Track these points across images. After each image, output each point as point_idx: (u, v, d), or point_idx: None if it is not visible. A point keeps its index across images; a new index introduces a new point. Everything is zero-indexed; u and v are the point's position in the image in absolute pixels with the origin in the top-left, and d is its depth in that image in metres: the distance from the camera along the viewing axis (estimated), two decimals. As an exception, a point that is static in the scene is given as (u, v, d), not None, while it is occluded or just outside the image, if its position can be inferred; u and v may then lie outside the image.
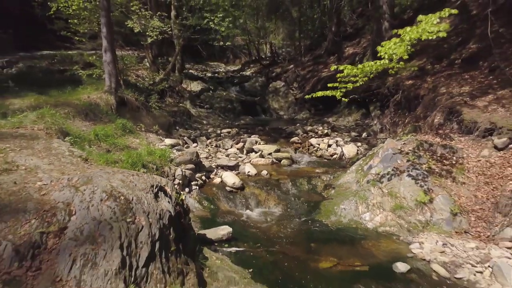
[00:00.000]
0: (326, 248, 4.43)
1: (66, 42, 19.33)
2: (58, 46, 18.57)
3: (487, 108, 6.28)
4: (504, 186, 4.90)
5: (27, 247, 2.52)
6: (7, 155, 3.91)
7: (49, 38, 20.48)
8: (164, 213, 3.17)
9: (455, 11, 5.20)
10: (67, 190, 3.11)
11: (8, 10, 17.29)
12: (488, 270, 3.88)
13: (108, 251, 2.65)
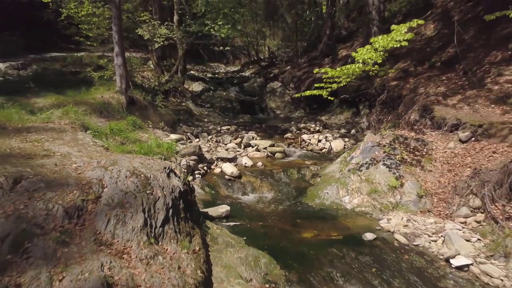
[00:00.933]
0: (309, 223, 5.21)
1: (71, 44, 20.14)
2: (63, 47, 19.37)
3: (455, 106, 7.06)
4: (462, 172, 5.68)
5: (73, 209, 3.30)
6: (43, 144, 4.69)
7: (54, 40, 21.30)
8: (175, 188, 3.95)
9: (421, 21, 5.99)
10: (98, 169, 3.89)
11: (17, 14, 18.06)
12: (441, 239, 4.65)
13: (133, 214, 3.43)
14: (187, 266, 3.27)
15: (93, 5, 11.21)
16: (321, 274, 3.86)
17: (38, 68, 11.95)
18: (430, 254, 4.38)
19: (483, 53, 8.91)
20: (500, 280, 3.89)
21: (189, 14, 11.15)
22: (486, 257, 4.28)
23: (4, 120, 5.24)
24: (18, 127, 5.16)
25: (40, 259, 2.74)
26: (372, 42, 6.11)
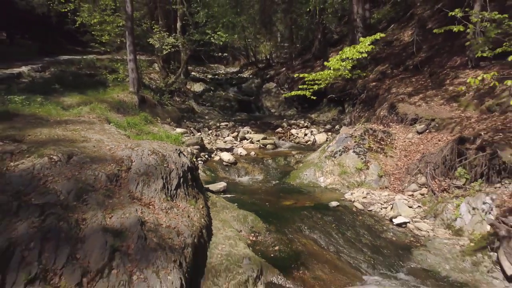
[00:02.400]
0: (289, 196, 6.47)
1: (77, 47, 21.38)
2: (70, 49, 20.61)
3: (416, 104, 8.32)
4: (414, 157, 6.94)
5: (112, 176, 4.54)
6: (80, 132, 5.94)
7: (62, 43, 22.57)
8: (184, 163, 5.21)
9: (383, 34, 7.23)
10: (126, 150, 5.14)
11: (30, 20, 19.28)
12: (390, 206, 5.91)
13: (155, 180, 4.68)
14: (194, 216, 4.53)
15: (105, 13, 12.44)
16: (293, 227, 5.11)
17: (56, 70, 13.15)
18: (379, 216, 5.64)
19: (447, 58, 10.17)
20: (426, 232, 5.16)
21: (192, 23, 12.39)
22: (421, 218, 5.55)
23: (46, 114, 6.48)
24: (57, 120, 6.40)
25: (94, 205, 3.99)
26: (341, 53, 7.35)
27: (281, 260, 4.35)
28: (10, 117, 6.03)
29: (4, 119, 5.92)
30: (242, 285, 3.82)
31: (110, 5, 12.60)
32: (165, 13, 14.00)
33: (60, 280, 3.19)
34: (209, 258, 4.15)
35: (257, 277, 3.97)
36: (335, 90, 14.15)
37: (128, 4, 9.23)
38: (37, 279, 3.14)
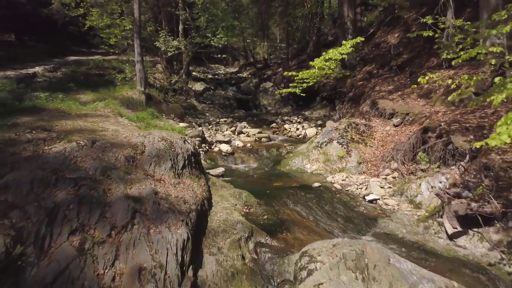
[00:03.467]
0: (279, 179, 7.38)
1: (82, 48, 22.23)
2: (75, 51, 21.51)
3: (394, 100, 9.23)
4: (389, 146, 7.85)
5: (129, 157, 5.45)
6: (98, 124, 6.84)
7: (68, 45, 23.47)
8: (188, 149, 6.11)
9: (362, 39, 8.13)
10: (140, 137, 6.05)
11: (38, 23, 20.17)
12: (364, 186, 6.82)
13: (165, 161, 5.58)
14: (197, 190, 5.44)
15: (112, 17, 13.32)
16: (280, 202, 6.03)
17: (67, 71, 14.04)
18: (354, 195, 6.56)
19: (425, 59, 11.08)
20: (392, 206, 6.07)
21: (193, 27, 13.29)
22: (389, 196, 6.46)
23: (67, 109, 7.38)
24: (78, 114, 7.31)
25: (117, 179, 4.89)
26: (324, 54, 8.25)
27: (268, 226, 5.26)
28: (38, 111, 6.94)
29: (33, 113, 6.82)
30: (236, 243, 4.72)
31: (117, 9, 13.49)
32: (168, 18, 14.90)
33: (94, 232, 4.10)
34: (209, 223, 5.06)
35: (248, 237, 4.88)
36: (327, 89, 15.09)
37: (136, 9, 10.11)
38: (77, 230, 4.04)
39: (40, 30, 20.66)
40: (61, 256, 3.75)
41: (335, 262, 4.02)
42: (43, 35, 21.10)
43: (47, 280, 3.55)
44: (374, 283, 3.84)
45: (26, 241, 3.75)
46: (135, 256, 3.93)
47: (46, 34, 21.12)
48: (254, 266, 4.47)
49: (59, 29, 21.04)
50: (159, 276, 3.79)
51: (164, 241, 4.12)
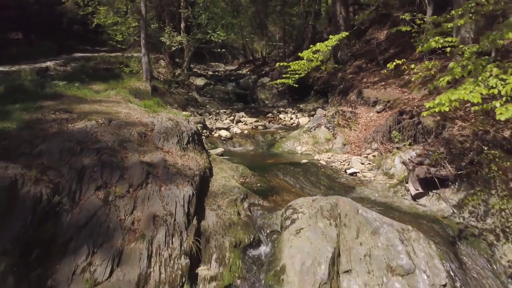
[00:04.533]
0: (272, 157, 8.21)
1: (87, 46, 23.06)
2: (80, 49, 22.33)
3: (377, 90, 10.06)
4: (371, 129, 8.68)
5: (141, 133, 6.27)
6: (112, 108, 7.66)
7: (73, 44, 24.28)
8: (192, 128, 6.94)
9: (347, 33, 8.95)
10: (150, 118, 6.87)
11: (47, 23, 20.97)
12: (347, 163, 7.65)
13: (172, 137, 6.41)
14: (200, 161, 6.27)
15: (117, 15, 14.12)
16: (271, 173, 6.85)
17: (76, 65, 14.82)
18: (337, 169, 7.39)
19: (409, 53, 11.89)
20: (369, 178, 6.91)
21: (195, 24, 14.10)
22: (368, 170, 7.29)
23: (83, 96, 8.20)
24: (93, 99, 8.13)
25: (132, 149, 5.72)
26: (312, 47, 9.06)
27: (261, 191, 6.09)
28: (58, 97, 7.76)
29: (55, 98, 7.64)
30: (232, 202, 5.55)
31: (122, 8, 14.29)
32: (171, 16, 15.70)
33: (115, 189, 4.92)
34: (210, 187, 5.89)
35: (243, 199, 5.71)
36: (320, 83, 15.93)
37: (143, 6, 10.93)
38: (101, 187, 4.87)
39: (46, 29, 21.41)
40: (90, 206, 4.59)
41: (314, 212, 4.86)
42: (49, 34, 21.86)
43: (80, 223, 4.39)
44: (345, 228, 4.68)
45: (61, 193, 4.59)
46: (149, 207, 4.77)
47: (52, 33, 21.89)
48: (248, 220, 5.30)
49: (64, 28, 21.83)
50: (170, 221, 4.63)
51: (173, 196, 4.95)
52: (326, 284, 4.18)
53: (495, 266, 4.59)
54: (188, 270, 4.31)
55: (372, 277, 4.27)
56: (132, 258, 4.19)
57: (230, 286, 4.44)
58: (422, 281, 4.14)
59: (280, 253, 4.60)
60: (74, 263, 4.04)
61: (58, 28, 21.72)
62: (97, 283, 3.95)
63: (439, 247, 4.51)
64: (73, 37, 23.91)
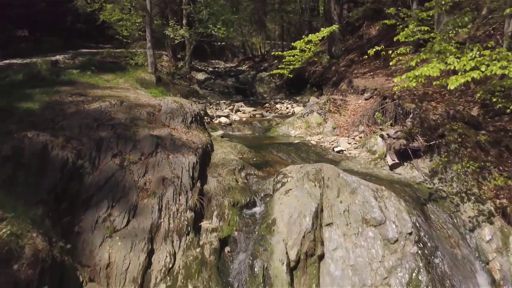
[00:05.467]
0: (267, 139, 8.92)
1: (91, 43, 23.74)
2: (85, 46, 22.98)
3: (366, 79, 10.75)
4: (359, 115, 9.38)
5: (150, 113, 6.97)
6: (122, 93, 8.35)
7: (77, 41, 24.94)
8: (194, 110, 7.64)
9: (337, 26, 9.62)
10: (157, 101, 7.57)
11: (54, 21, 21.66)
12: (335, 143, 8.35)
13: (177, 116, 7.11)
14: (202, 137, 6.96)
15: (123, 12, 14.79)
16: (266, 151, 7.55)
17: (84, 59, 15.51)
18: (326, 148, 8.09)
19: (398, 46, 12.54)
20: (354, 154, 7.61)
21: (197, 20, 14.79)
22: (353, 148, 8.00)
23: (95, 83, 8.90)
24: (104, 86, 8.82)
25: (142, 125, 6.41)
26: (304, 37, 9.75)
27: (256, 164, 6.79)
28: (73, 83, 8.46)
29: (70, 84, 8.33)
30: (231, 171, 6.25)
31: (127, 5, 14.97)
32: (174, 12, 16.38)
33: (129, 156, 5.62)
34: (211, 160, 6.58)
35: (241, 169, 6.41)
36: (315, 76, 16.62)
37: (148, 2, 11.63)
38: (117, 155, 5.57)
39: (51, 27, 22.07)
40: (108, 169, 5.30)
41: (301, 176, 5.56)
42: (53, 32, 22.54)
43: (100, 183, 5.10)
44: (327, 189, 5.39)
45: (83, 158, 5.30)
46: (159, 171, 5.47)
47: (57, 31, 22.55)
48: (244, 186, 6.00)
49: (68, 27, 22.54)
50: (177, 183, 5.34)
51: (179, 163, 5.66)
52: (310, 233, 4.89)
53: (455, 220, 5.31)
54: (193, 222, 5.03)
55: (350, 228, 4.98)
56: (145, 211, 4.90)
57: (228, 237, 5.16)
58: (391, 230, 4.85)
59: (271, 210, 5.31)
60: (96, 214, 4.75)
61: (62, 26, 22.41)
62: (116, 230, 4.66)
63: (408, 204, 5.22)
64: (77, 35, 24.60)
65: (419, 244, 4.76)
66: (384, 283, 4.53)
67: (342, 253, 4.82)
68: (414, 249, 4.69)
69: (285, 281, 4.57)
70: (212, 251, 4.80)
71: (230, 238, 5.16)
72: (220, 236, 5.07)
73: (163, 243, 4.68)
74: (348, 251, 4.81)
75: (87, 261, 4.35)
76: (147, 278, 4.37)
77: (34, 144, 4.87)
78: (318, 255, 4.85)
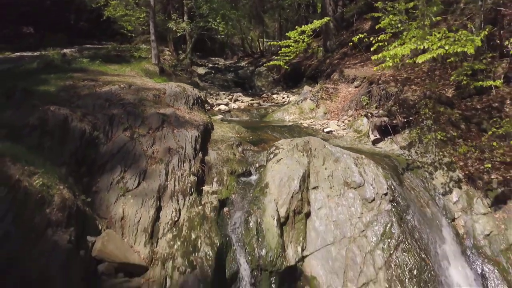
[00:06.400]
0: (264, 123, 9.56)
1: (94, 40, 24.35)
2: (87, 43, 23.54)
3: (356, 69, 11.38)
4: (348, 101, 10.02)
5: (155, 95, 7.61)
6: (129, 79, 8.98)
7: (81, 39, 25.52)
8: (196, 93, 8.28)
9: (329, 18, 10.25)
10: (162, 85, 8.21)
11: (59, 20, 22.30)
12: (326, 125, 9.00)
13: (180, 99, 7.74)
14: (203, 117, 7.60)
15: (127, 8, 15.42)
16: (262, 131, 8.19)
17: (90, 52, 16.12)
18: (316, 129, 8.74)
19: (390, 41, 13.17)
20: (342, 134, 8.25)
21: (198, 14, 15.43)
22: (342, 129, 8.64)
23: (104, 70, 9.53)
24: (112, 74, 9.45)
25: (149, 105, 7.05)
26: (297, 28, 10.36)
27: (252, 141, 7.42)
28: (84, 70, 9.09)
29: (81, 71, 8.97)
30: (229, 146, 6.89)
31: (131, 1, 15.59)
32: (175, 8, 17.01)
33: (139, 130, 6.26)
34: (212, 136, 7.22)
35: (238, 145, 7.05)
36: (311, 69, 17.26)
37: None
38: (128, 128, 6.20)
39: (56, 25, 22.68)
40: (120, 140, 5.94)
41: (291, 147, 6.21)
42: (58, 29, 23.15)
43: (113, 151, 5.74)
44: (314, 158, 6.03)
45: (98, 130, 5.94)
46: (165, 143, 6.11)
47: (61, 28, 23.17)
48: (241, 158, 6.65)
49: (71, 25, 23.18)
50: (181, 152, 5.98)
51: (183, 135, 6.30)
52: (298, 193, 5.55)
53: (427, 184, 5.96)
54: (196, 185, 5.67)
55: (333, 190, 5.63)
56: (153, 175, 5.54)
57: (227, 199, 5.81)
58: (369, 191, 5.50)
59: (264, 176, 5.97)
60: (111, 177, 5.39)
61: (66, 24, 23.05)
62: (128, 190, 5.30)
63: (385, 170, 5.86)
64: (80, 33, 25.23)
65: (393, 203, 5.41)
66: (361, 235, 5.19)
67: (326, 211, 5.47)
68: (388, 207, 5.34)
69: (276, 233, 5.23)
70: (212, 209, 5.44)
71: (228, 200, 5.81)
72: (220, 197, 5.72)
73: (170, 201, 5.32)
74: (331, 209, 5.47)
75: (104, 214, 5.00)
76: (156, 229, 5.02)
77: (56, 115, 5.51)
78: (305, 213, 5.50)
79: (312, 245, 5.27)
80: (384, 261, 4.92)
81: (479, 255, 5.25)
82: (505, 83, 6.77)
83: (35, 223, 3.76)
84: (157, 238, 4.95)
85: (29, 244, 3.33)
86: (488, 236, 5.36)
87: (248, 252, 5.12)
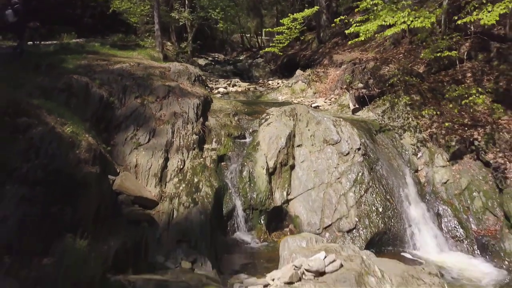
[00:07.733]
0: (260, 103, 10.47)
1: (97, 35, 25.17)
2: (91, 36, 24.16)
3: (344, 54, 12.28)
4: (335, 81, 10.93)
5: (161, 72, 8.50)
6: (137, 60, 9.88)
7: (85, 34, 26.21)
8: (197, 72, 9.19)
9: (317, 7, 11.13)
10: (167, 64, 9.12)
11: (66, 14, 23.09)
12: (314, 102, 9.90)
13: (183, 75, 8.65)
14: (204, 91, 8.51)
15: (131, 1, 16.29)
16: (256, 106, 9.11)
17: (97, 42, 17.02)
18: (305, 105, 9.64)
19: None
20: (327, 108, 9.17)
21: (198, 6, 16.33)
22: (327, 105, 9.56)
23: (114, 53, 10.42)
24: (122, 56, 10.34)
25: (156, 79, 7.94)
26: (290, 15, 11.25)
27: (247, 113, 8.31)
28: (96, 52, 9.99)
29: (94, 53, 9.86)
30: (227, 115, 7.80)
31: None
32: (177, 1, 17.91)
33: (148, 98, 7.16)
34: (211, 108, 8.13)
35: (235, 114, 7.96)
36: (305, 59, 18.14)
37: (156, -9, 13.16)
38: (139, 96, 7.10)
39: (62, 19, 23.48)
40: (132, 105, 6.86)
41: (280, 113, 7.12)
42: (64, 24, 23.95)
43: (127, 114, 6.66)
44: (299, 121, 6.95)
45: (114, 97, 6.85)
46: (171, 108, 7.02)
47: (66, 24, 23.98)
48: (237, 124, 7.57)
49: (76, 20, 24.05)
50: (185, 116, 6.89)
51: (186, 103, 7.21)
52: (284, 149, 6.47)
53: (395, 143, 6.88)
54: (198, 142, 6.59)
55: (314, 147, 6.55)
56: (162, 133, 6.46)
57: (224, 155, 6.73)
58: (345, 146, 6.41)
59: (256, 137, 6.88)
60: (125, 134, 6.31)
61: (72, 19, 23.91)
62: (140, 144, 6.22)
63: (359, 130, 6.78)
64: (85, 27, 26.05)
65: (365, 156, 6.32)
66: (337, 181, 6.11)
67: (308, 163, 6.40)
68: (361, 159, 6.26)
69: (265, 180, 6.16)
70: (212, 161, 6.37)
71: (225, 156, 6.74)
72: (218, 153, 6.65)
73: (176, 154, 6.25)
74: (312, 162, 6.39)
75: (121, 162, 5.93)
76: (164, 174, 5.94)
77: (79, 82, 6.42)
78: (290, 165, 6.43)
79: (296, 190, 6.20)
80: (355, 201, 5.84)
81: (437, 198, 6.17)
82: (468, 59, 7.67)
83: (69, 158, 4.68)
84: (165, 181, 5.88)
85: (70, 162, 4.25)
86: (445, 183, 6.28)
87: (242, 195, 6.06)
